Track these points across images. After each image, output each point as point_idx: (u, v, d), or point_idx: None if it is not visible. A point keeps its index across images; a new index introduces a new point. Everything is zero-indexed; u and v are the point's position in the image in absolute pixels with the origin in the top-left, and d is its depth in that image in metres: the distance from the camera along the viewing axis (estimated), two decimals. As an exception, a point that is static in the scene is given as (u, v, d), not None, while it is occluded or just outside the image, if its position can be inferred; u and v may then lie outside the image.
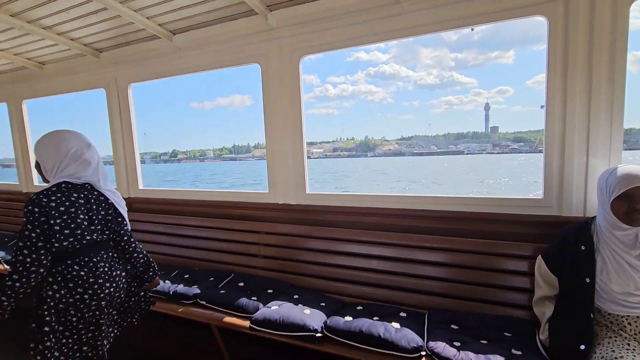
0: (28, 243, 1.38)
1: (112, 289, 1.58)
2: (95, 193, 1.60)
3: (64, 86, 3.72)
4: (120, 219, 1.68)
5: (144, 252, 1.80)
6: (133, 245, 1.73)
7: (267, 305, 2.09)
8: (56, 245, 1.43)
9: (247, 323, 1.97)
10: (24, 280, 1.36)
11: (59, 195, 1.47)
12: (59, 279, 1.46)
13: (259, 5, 2.36)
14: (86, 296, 1.48)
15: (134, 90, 3.40)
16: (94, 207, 1.57)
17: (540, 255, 1.76)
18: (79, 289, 1.47)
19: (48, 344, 1.41)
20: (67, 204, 1.48)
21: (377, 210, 2.47)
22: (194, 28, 2.78)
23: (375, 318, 1.90)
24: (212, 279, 2.57)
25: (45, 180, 1.59)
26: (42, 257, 1.39)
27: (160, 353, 2.56)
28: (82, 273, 1.48)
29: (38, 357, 1.40)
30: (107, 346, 1.63)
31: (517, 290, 1.95)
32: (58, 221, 1.44)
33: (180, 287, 2.36)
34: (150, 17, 2.62)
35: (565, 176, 1.93)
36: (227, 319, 2.06)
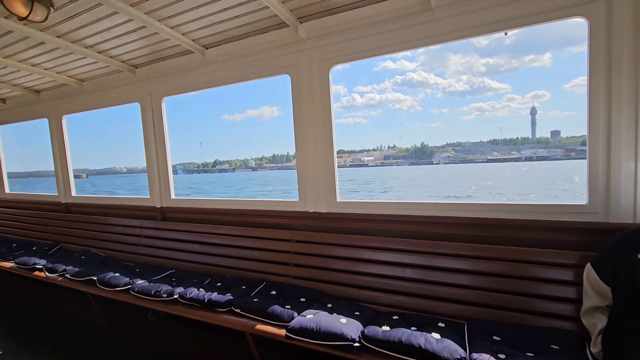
0: None
1: None
2: None
3: (101, 101, 3.92)
4: None
5: None
6: None
7: (302, 314, 2.09)
8: None
9: (282, 332, 1.97)
10: None
11: None
12: None
13: (290, 18, 2.42)
14: None
15: (170, 105, 3.54)
16: None
17: (589, 264, 1.68)
18: None
19: None
20: None
21: (408, 218, 2.44)
22: (226, 42, 2.87)
23: (412, 328, 1.86)
24: (244, 287, 2.60)
25: None
26: None
27: None
28: None
29: None
30: None
31: (562, 301, 1.87)
32: None
33: (214, 295, 2.40)
34: (185, 33, 2.74)
35: (612, 181, 1.85)
36: (262, 327, 2.07)
